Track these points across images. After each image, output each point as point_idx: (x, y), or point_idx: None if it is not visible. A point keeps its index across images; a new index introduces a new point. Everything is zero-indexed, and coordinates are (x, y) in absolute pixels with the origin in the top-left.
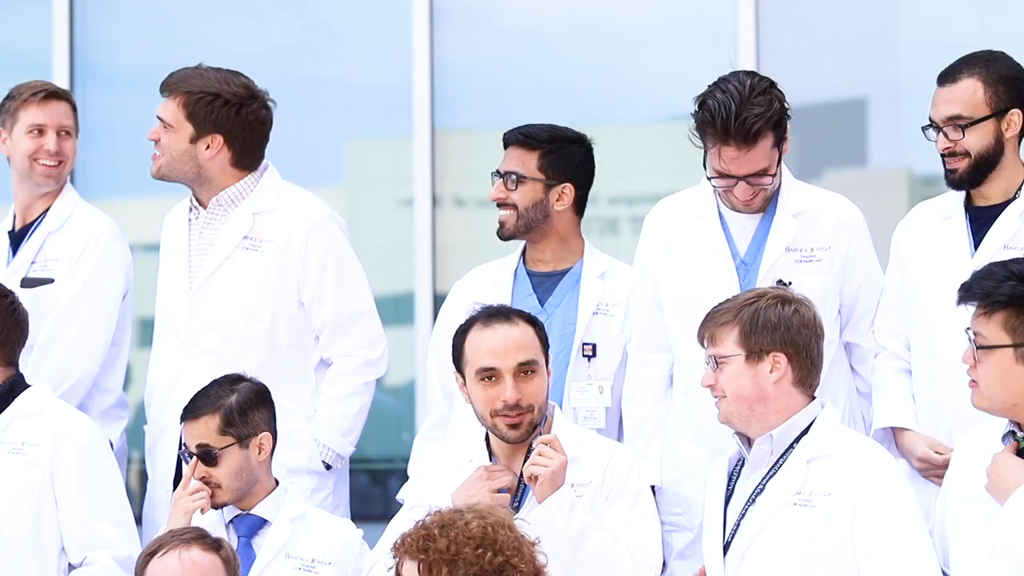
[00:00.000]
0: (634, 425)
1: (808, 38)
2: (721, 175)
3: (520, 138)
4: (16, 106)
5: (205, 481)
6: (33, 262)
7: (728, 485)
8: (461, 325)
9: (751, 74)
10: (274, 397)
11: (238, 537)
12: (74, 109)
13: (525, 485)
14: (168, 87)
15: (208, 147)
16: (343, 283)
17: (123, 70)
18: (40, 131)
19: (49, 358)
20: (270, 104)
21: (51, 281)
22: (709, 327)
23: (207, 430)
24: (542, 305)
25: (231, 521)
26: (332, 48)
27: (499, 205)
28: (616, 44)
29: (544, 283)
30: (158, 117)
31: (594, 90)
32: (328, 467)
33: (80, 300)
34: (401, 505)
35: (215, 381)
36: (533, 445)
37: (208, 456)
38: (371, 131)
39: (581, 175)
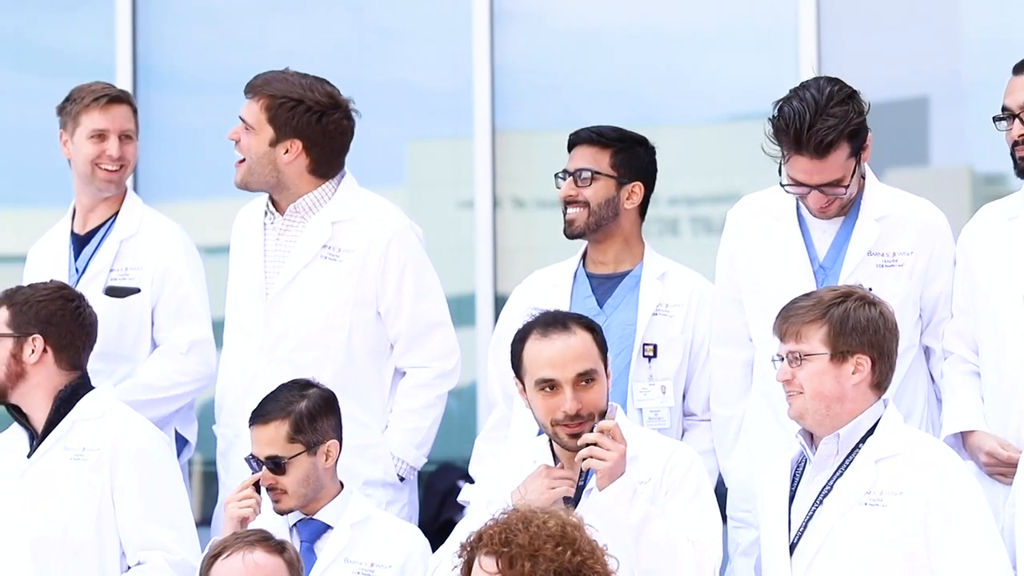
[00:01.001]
0: (719, 425)
1: (870, 36)
2: (795, 183)
3: (592, 136)
4: (78, 110)
5: (271, 488)
6: (112, 269)
7: (790, 486)
8: (518, 332)
9: (833, 81)
10: (350, 407)
11: (300, 542)
12: (135, 112)
13: (586, 476)
14: (252, 89)
15: (287, 152)
16: (420, 294)
17: (185, 73)
18: (102, 136)
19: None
20: (354, 113)
21: (137, 291)
22: (792, 323)
23: (277, 436)
24: (601, 307)
25: (294, 525)
26: (392, 50)
27: (568, 203)
28: (676, 44)
29: (603, 285)
30: (240, 118)
31: (654, 90)
32: (402, 479)
33: (184, 312)
34: (464, 507)
35: (284, 385)
36: (593, 429)
37: (277, 465)
38: (431, 133)
39: (649, 175)
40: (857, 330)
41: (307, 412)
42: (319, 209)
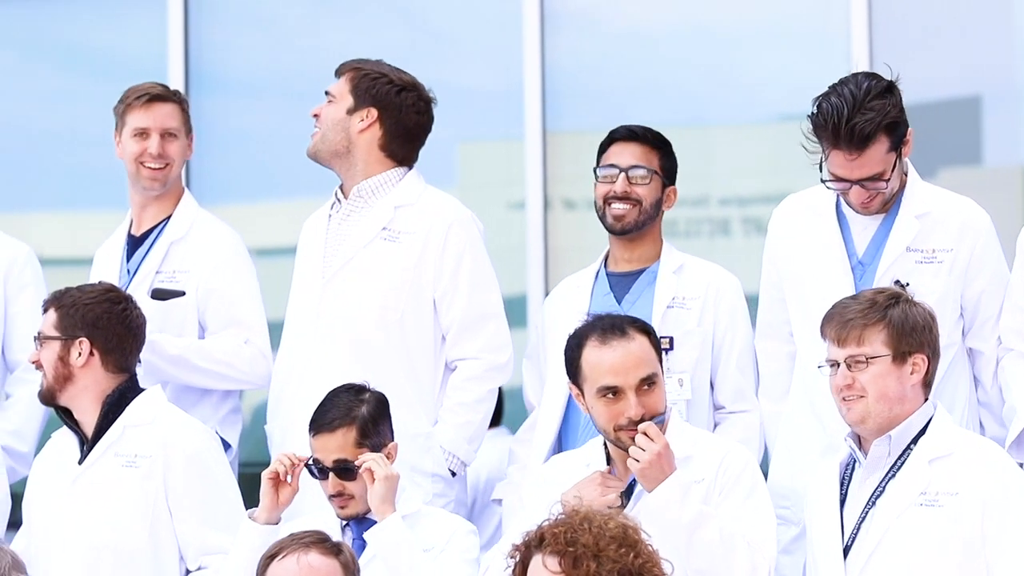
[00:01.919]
0: (769, 420)
1: (922, 35)
2: (836, 178)
3: (646, 135)
4: (123, 109)
5: (339, 493)
6: (158, 272)
7: (840, 489)
8: (573, 338)
9: (871, 76)
10: (403, 393)
11: (352, 539)
12: (183, 111)
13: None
14: (342, 68)
15: (362, 120)
16: (476, 283)
17: (236, 76)
18: (144, 134)
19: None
20: (432, 108)
21: (183, 294)
22: (853, 326)
23: (345, 443)
24: (619, 303)
25: (348, 524)
26: (442, 52)
27: (618, 200)
28: (727, 44)
29: (621, 282)
30: (326, 92)
31: (705, 90)
32: (453, 474)
33: (233, 317)
34: (499, 504)
35: (340, 391)
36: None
37: (347, 471)
38: (482, 134)
39: (675, 178)
40: (916, 330)
41: (370, 417)
42: (383, 195)
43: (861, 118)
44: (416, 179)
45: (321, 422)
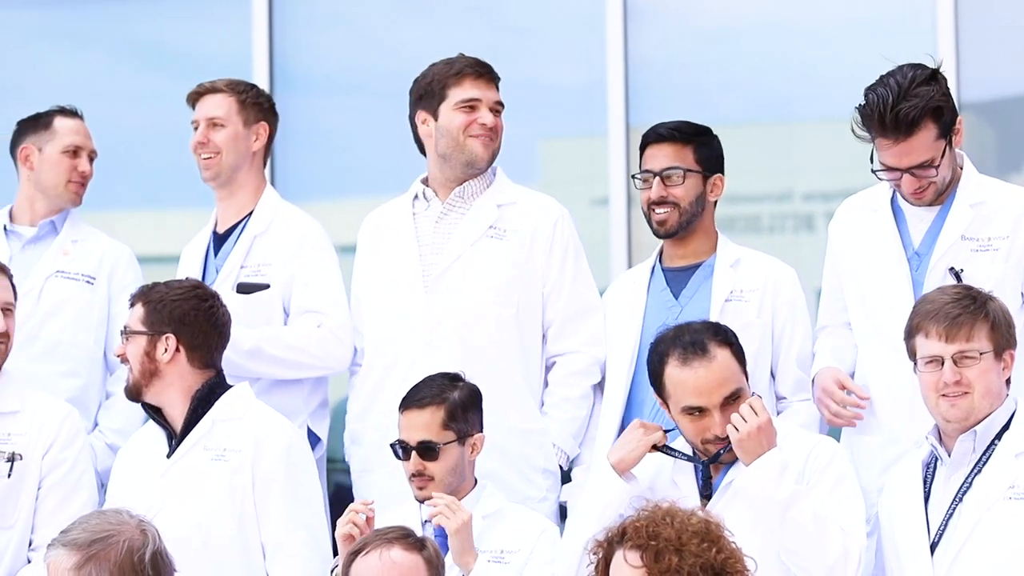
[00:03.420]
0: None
1: (1009, 30)
2: (886, 168)
3: (674, 134)
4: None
5: (419, 473)
6: (243, 266)
7: (924, 486)
8: (655, 350)
9: (916, 66)
10: (517, 389)
11: (434, 535)
12: (239, 101)
13: (721, 473)
14: (493, 70)
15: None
16: (579, 277)
17: (320, 75)
18: (195, 126)
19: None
20: None
21: (267, 287)
22: (963, 322)
23: (432, 422)
24: (676, 298)
25: (427, 520)
26: (524, 48)
27: (657, 205)
28: (811, 38)
29: (678, 277)
30: (499, 103)
31: (789, 86)
32: (563, 470)
33: (315, 306)
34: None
35: (435, 376)
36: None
37: (430, 451)
38: (564, 131)
39: (723, 164)
40: (1007, 325)
41: (461, 402)
42: (481, 193)
43: (906, 104)
44: (505, 178)
45: (412, 399)
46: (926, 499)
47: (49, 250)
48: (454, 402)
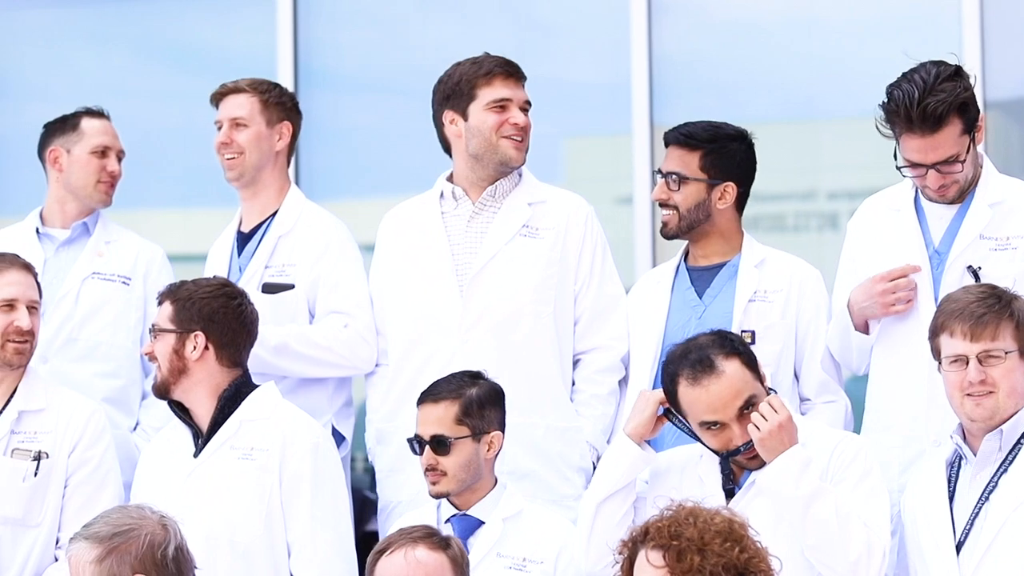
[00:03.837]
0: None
1: None
2: (911, 164)
3: (681, 138)
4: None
5: (432, 468)
6: (267, 266)
7: (948, 486)
8: (667, 368)
9: (938, 63)
10: (554, 386)
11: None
12: (262, 101)
13: (747, 472)
14: (521, 70)
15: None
16: (606, 273)
17: (345, 73)
18: (219, 126)
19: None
20: None
21: (292, 287)
22: (988, 322)
23: (445, 416)
24: (700, 297)
25: (448, 520)
26: (549, 46)
27: (662, 205)
28: (837, 35)
29: (702, 276)
30: (528, 102)
31: (814, 83)
32: (594, 467)
33: (339, 306)
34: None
35: (456, 373)
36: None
37: (441, 444)
38: (588, 129)
39: (743, 173)
40: None
41: (477, 398)
42: (511, 192)
43: (933, 99)
44: (532, 177)
45: (428, 393)
46: (950, 498)
47: (84, 252)
48: (469, 398)
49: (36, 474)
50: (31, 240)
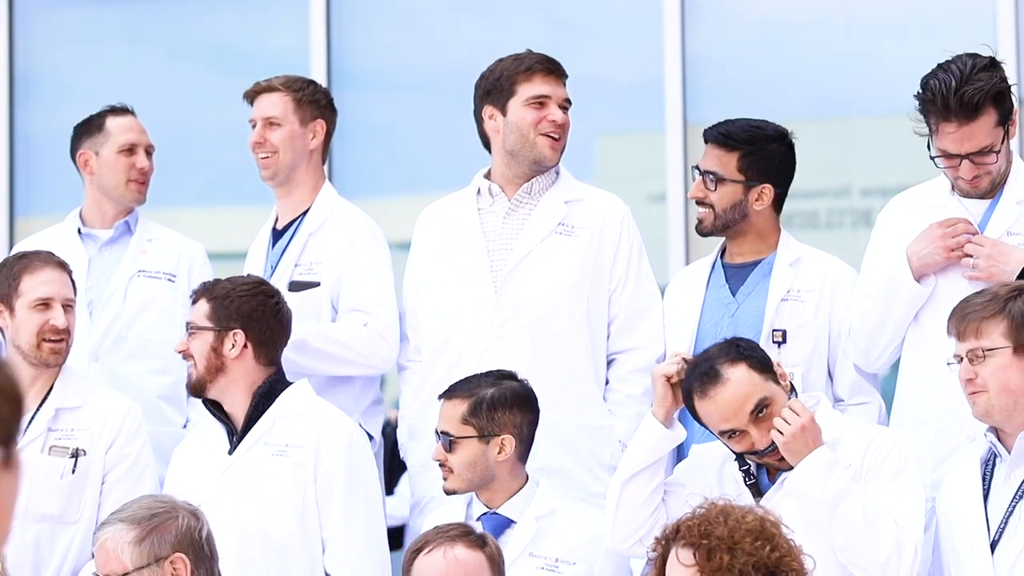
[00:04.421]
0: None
1: None
2: (945, 154)
3: (719, 137)
4: None
5: (441, 463)
6: (297, 264)
7: (983, 484)
8: (683, 385)
9: (973, 55)
10: (589, 385)
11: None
12: (295, 99)
13: (766, 470)
14: (561, 67)
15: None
16: (642, 274)
17: (378, 71)
18: (253, 125)
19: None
20: None
21: (317, 284)
22: (971, 320)
23: (453, 414)
24: (734, 295)
25: (478, 518)
26: (581, 44)
27: (698, 203)
28: (870, 33)
29: (737, 274)
30: (567, 99)
31: (847, 81)
32: None
33: (362, 305)
34: None
35: (488, 371)
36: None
37: (448, 441)
38: (622, 127)
39: (781, 174)
40: None
41: (489, 399)
42: (548, 190)
43: (970, 87)
44: (569, 175)
45: (448, 388)
46: (985, 497)
47: (128, 251)
48: (480, 398)
49: (74, 471)
50: (74, 240)
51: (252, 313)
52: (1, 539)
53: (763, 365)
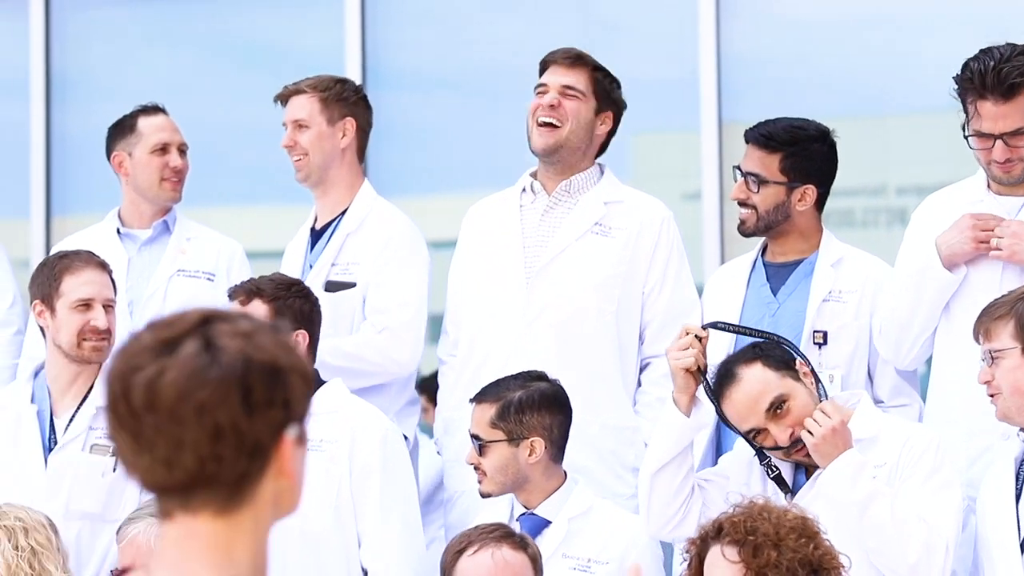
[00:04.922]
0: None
1: None
2: (979, 135)
3: (760, 139)
4: None
5: (475, 466)
6: (334, 264)
7: (1016, 484)
8: (711, 390)
9: (1012, 45)
10: (615, 386)
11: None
12: (322, 100)
13: (804, 469)
14: (581, 58)
15: (601, 124)
16: (681, 279)
17: (413, 70)
18: (286, 128)
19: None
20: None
21: (353, 285)
22: (984, 322)
23: (482, 418)
24: (775, 295)
25: (518, 518)
26: (616, 43)
27: (740, 204)
28: (905, 31)
29: (778, 273)
30: (568, 87)
31: (882, 79)
32: None
33: (388, 304)
34: None
35: (518, 373)
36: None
37: (479, 445)
38: (656, 126)
39: (824, 174)
40: None
41: (517, 402)
42: (587, 190)
43: (1008, 65)
44: (612, 176)
45: (478, 392)
46: (1017, 497)
47: (167, 251)
48: (508, 401)
49: (115, 469)
50: (113, 240)
51: (310, 315)
52: (292, 509)
53: (780, 363)
